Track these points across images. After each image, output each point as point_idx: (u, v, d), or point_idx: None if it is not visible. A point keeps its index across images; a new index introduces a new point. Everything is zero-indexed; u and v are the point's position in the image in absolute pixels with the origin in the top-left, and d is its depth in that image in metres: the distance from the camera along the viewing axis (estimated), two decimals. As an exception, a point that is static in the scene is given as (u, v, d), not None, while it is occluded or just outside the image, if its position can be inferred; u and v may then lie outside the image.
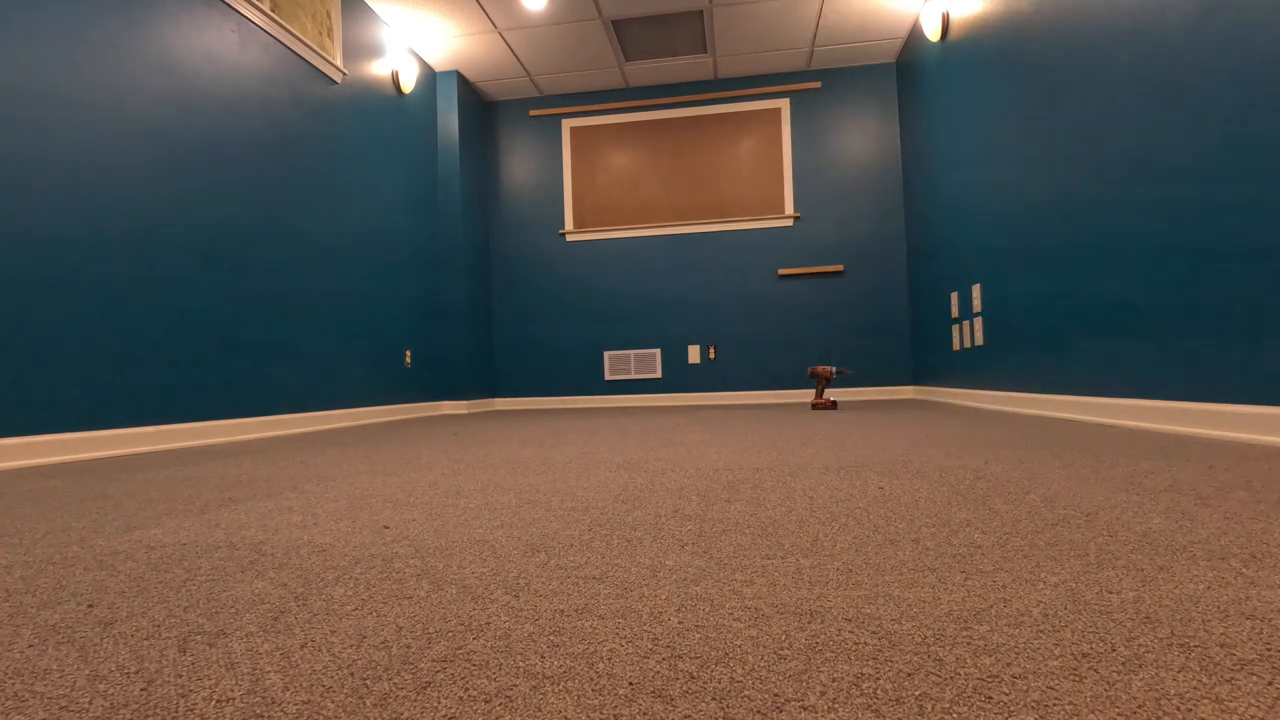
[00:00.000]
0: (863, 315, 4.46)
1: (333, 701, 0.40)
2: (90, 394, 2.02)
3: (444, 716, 0.38)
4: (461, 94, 4.41)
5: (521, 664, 0.44)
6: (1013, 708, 0.37)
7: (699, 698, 0.39)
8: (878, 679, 0.40)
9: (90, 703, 0.41)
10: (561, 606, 0.55)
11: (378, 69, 3.69)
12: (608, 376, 4.69)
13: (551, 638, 0.49)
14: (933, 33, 3.51)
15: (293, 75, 2.98)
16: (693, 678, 0.42)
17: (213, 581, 0.65)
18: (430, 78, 4.29)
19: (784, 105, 4.58)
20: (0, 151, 1.81)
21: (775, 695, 0.39)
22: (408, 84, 3.91)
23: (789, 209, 4.54)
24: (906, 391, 4.42)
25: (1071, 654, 0.43)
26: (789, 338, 4.52)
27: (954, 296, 3.47)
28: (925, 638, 0.46)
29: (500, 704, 0.39)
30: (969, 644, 0.45)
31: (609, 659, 0.45)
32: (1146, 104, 1.81)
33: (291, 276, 2.92)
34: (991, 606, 0.52)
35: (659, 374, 4.65)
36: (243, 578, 0.66)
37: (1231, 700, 0.37)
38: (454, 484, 1.21)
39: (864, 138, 4.50)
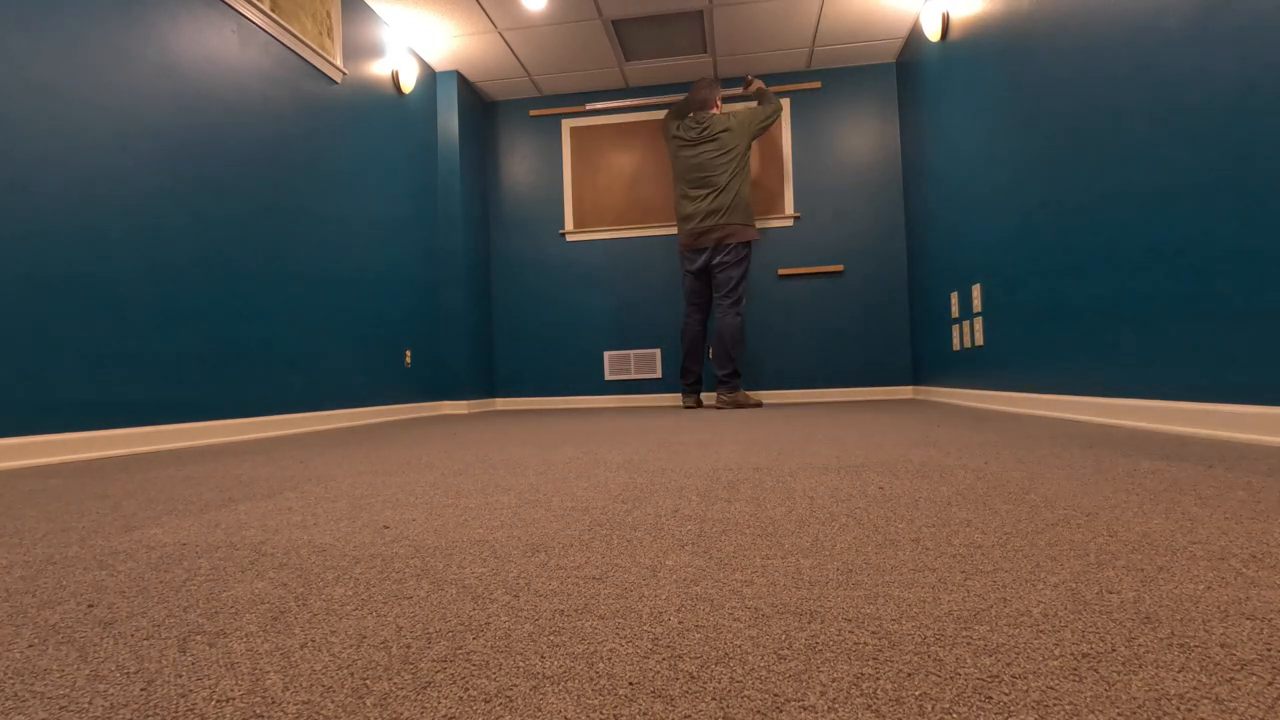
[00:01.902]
0: (863, 315, 4.46)
1: (333, 701, 0.40)
2: (90, 394, 2.02)
3: (444, 716, 0.38)
4: (461, 94, 4.41)
5: (521, 664, 0.44)
6: (1013, 708, 0.37)
7: (699, 698, 0.39)
8: (878, 679, 0.40)
9: (90, 703, 0.41)
10: (561, 606, 0.55)
11: (378, 69, 3.69)
12: (608, 376, 4.69)
13: (551, 638, 0.49)
14: (933, 33, 3.51)
15: (293, 75, 2.98)
16: (693, 678, 0.42)
17: (213, 581, 0.65)
18: (430, 78, 4.29)
19: (784, 105, 4.57)
20: (1, 151, 1.81)
21: (775, 695, 0.39)
22: (408, 84, 3.91)
23: (789, 209, 4.54)
24: (906, 391, 4.42)
25: (1071, 654, 0.43)
26: (789, 338, 4.52)
27: (954, 296, 3.47)
28: (925, 638, 0.46)
29: (500, 704, 0.39)
30: (969, 644, 0.45)
31: (609, 659, 0.45)
32: (1146, 104, 1.81)
33: (291, 276, 2.92)
34: (991, 606, 0.52)
35: (659, 374, 4.65)
36: (243, 578, 0.66)
37: (1231, 700, 0.37)
38: (454, 484, 1.21)
39: (864, 138, 4.50)
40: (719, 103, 3.92)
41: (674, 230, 4.62)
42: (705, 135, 3.78)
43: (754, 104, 3.78)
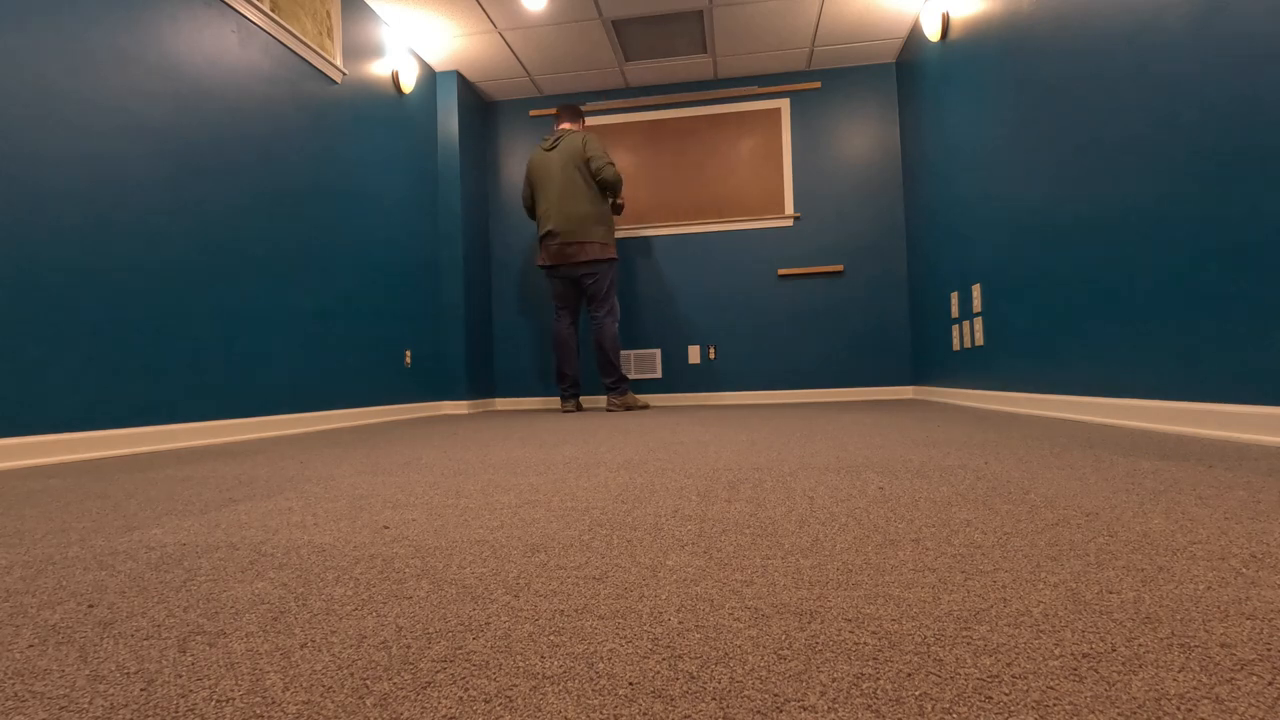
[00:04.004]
0: (863, 315, 4.46)
1: (333, 701, 0.40)
2: (90, 394, 2.02)
3: (444, 716, 0.38)
4: (461, 94, 4.41)
5: (521, 664, 0.44)
6: (1013, 708, 0.37)
7: (699, 698, 0.39)
8: (878, 679, 0.40)
9: (90, 703, 0.41)
10: (561, 606, 0.55)
11: (378, 69, 3.69)
12: (608, 376, 4.69)
13: (551, 638, 0.49)
14: (933, 33, 3.51)
15: (293, 75, 2.98)
16: (693, 678, 0.42)
17: (213, 581, 0.65)
18: (430, 78, 4.29)
19: (784, 105, 4.57)
20: (1, 151, 1.81)
21: (775, 695, 0.39)
22: (408, 84, 3.91)
23: (789, 209, 4.54)
24: (906, 392, 4.42)
25: (1071, 654, 0.43)
26: (789, 338, 4.52)
27: (954, 296, 3.47)
28: (925, 638, 0.46)
29: (500, 704, 0.39)
30: (969, 644, 0.45)
31: (609, 659, 0.45)
32: (1146, 104, 1.81)
33: (291, 276, 2.92)
34: (991, 606, 0.52)
35: (659, 374, 4.65)
36: (243, 578, 0.66)
37: (1231, 700, 0.37)
38: (454, 484, 1.21)
39: (864, 138, 4.50)
40: (579, 127, 3.95)
41: (674, 230, 4.62)
42: (555, 145, 3.81)
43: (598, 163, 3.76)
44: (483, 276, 4.66)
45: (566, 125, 3.93)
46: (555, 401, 4.75)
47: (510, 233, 4.81)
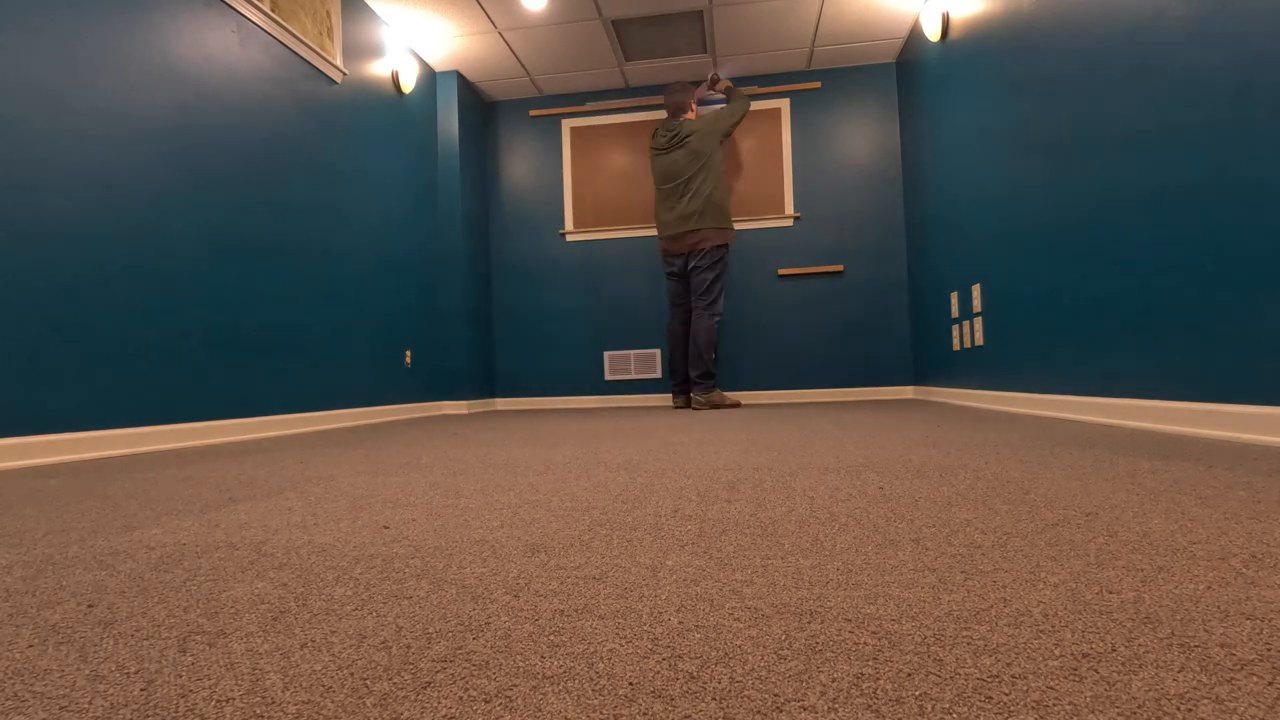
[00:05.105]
0: (863, 315, 4.46)
1: (333, 701, 0.40)
2: (90, 394, 2.02)
3: (444, 716, 0.38)
4: (461, 94, 4.41)
5: (521, 664, 0.44)
6: (1013, 708, 0.37)
7: (699, 698, 0.39)
8: (878, 679, 0.40)
9: (90, 703, 0.41)
10: (561, 606, 0.55)
11: (378, 69, 3.69)
12: (608, 376, 4.69)
13: (551, 638, 0.49)
14: (933, 33, 3.51)
15: (293, 75, 2.98)
16: (693, 678, 0.42)
17: (213, 581, 0.65)
18: (430, 78, 4.29)
19: (784, 105, 4.57)
20: (1, 152, 1.81)
21: (775, 695, 0.39)
22: (408, 84, 3.91)
23: (789, 209, 4.54)
24: (906, 392, 4.42)
25: (1071, 654, 0.43)
26: (789, 338, 4.52)
27: (954, 296, 3.47)
28: (925, 638, 0.46)
29: (500, 704, 0.39)
30: (969, 644, 0.45)
31: (609, 659, 0.45)
32: (1146, 103, 1.81)
33: (292, 277, 2.92)
34: (991, 606, 0.52)
35: (659, 374, 4.65)
36: (243, 578, 0.66)
37: (1231, 700, 0.37)
38: (454, 484, 1.21)
39: (864, 138, 4.50)
40: (694, 106, 3.96)
41: (674, 230, 4.62)
42: (675, 142, 3.85)
43: (722, 104, 3.80)
44: (483, 276, 4.66)
45: (689, 116, 3.92)
46: (555, 402, 4.75)
47: (510, 232, 4.81)
